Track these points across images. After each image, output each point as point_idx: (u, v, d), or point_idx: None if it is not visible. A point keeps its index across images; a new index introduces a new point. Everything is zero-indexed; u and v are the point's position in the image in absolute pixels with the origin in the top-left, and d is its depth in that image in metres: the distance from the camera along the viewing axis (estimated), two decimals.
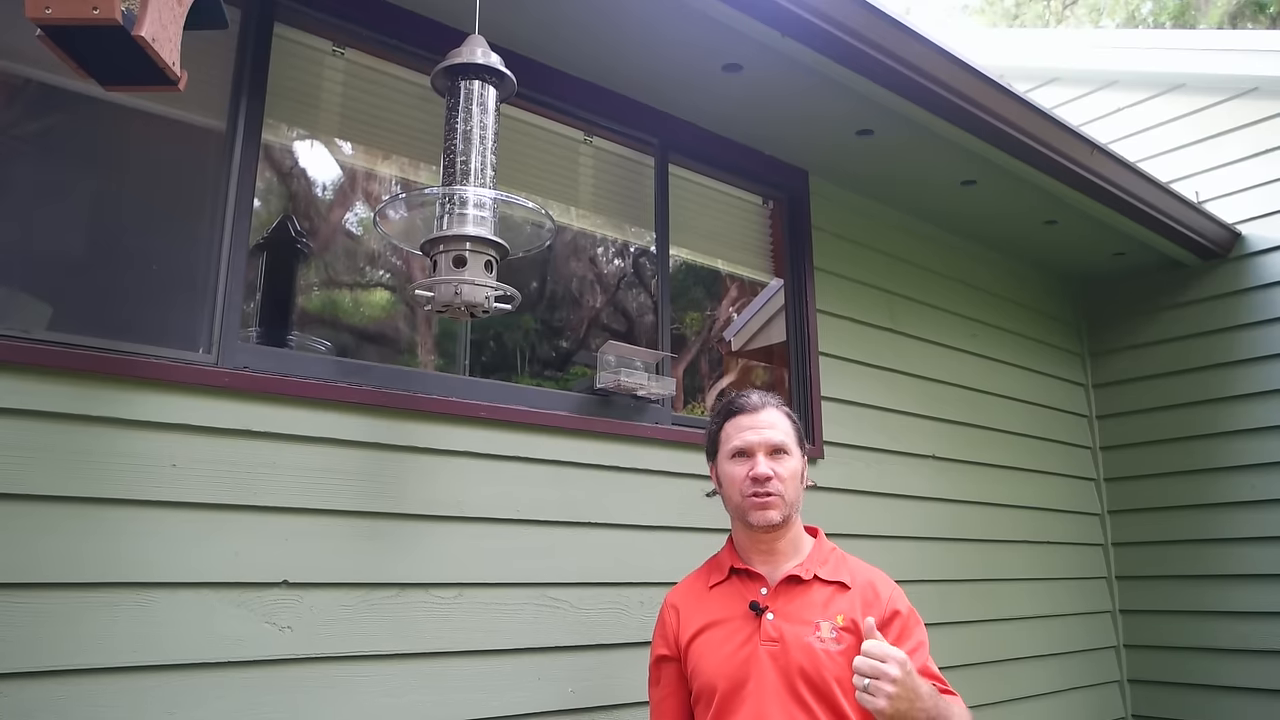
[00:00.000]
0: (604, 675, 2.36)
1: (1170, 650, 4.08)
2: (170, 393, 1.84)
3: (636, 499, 2.55)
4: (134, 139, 2.11)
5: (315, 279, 2.59)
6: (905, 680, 1.48)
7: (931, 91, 2.78)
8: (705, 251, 3.24)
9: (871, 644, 1.53)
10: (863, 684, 1.49)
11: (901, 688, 1.47)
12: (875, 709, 1.48)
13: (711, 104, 2.90)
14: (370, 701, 1.97)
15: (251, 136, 2.09)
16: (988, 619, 3.59)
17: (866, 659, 1.51)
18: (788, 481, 1.76)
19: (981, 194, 3.57)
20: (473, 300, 1.73)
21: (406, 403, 2.16)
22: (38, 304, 1.91)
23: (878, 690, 1.47)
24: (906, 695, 1.48)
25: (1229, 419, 4.00)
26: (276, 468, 1.94)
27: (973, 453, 3.75)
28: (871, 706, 1.48)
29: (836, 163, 3.32)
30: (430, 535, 2.14)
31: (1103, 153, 3.40)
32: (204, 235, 2.03)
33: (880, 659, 1.50)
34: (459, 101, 1.83)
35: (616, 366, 2.55)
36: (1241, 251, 4.09)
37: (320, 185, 2.56)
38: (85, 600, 1.68)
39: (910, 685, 1.49)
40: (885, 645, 1.53)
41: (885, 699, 1.47)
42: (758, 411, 1.81)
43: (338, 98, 2.37)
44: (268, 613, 1.87)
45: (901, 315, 3.61)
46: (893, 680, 1.47)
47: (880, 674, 1.48)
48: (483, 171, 1.79)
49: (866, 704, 1.49)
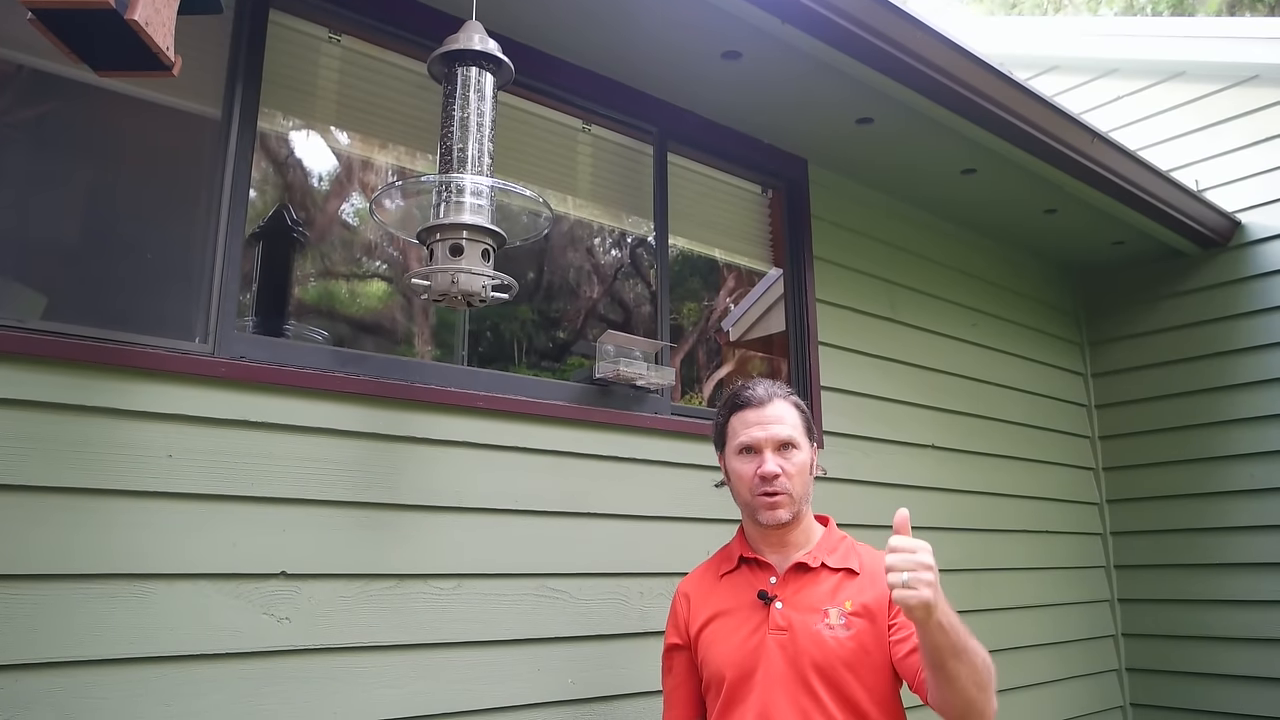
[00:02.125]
0: (603, 666, 2.36)
1: (1168, 639, 4.08)
2: (166, 383, 1.82)
3: (636, 489, 2.55)
4: (128, 126, 2.09)
5: (311, 269, 2.58)
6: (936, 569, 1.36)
7: (932, 79, 2.76)
8: (704, 241, 3.22)
9: (899, 539, 1.39)
10: (901, 579, 1.34)
11: (936, 574, 1.35)
12: (920, 601, 1.33)
13: (711, 92, 2.88)
14: (370, 693, 1.96)
15: (247, 124, 2.07)
16: (987, 608, 3.59)
17: (900, 554, 1.37)
18: (795, 477, 1.74)
19: (981, 182, 3.56)
20: (469, 289, 1.71)
21: (404, 392, 2.14)
22: (32, 294, 1.89)
23: (919, 582, 1.33)
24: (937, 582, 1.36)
25: (1228, 408, 4.00)
26: (273, 458, 1.93)
27: (972, 442, 3.75)
28: (916, 600, 1.33)
29: (836, 151, 3.31)
30: (429, 526, 2.13)
31: (1103, 141, 3.39)
32: (199, 224, 2.02)
33: (910, 550, 1.36)
34: (456, 88, 1.81)
35: (615, 356, 2.53)
36: (1241, 240, 4.08)
37: (316, 175, 2.54)
38: (82, 591, 1.67)
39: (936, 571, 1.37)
40: (911, 538, 1.39)
41: (927, 588, 1.33)
42: (764, 405, 1.78)
43: (334, 85, 2.35)
44: (266, 604, 1.86)
45: (901, 305, 3.60)
46: (929, 566, 1.35)
47: (917, 564, 1.34)
48: (480, 159, 1.78)
49: (909, 600, 1.34)
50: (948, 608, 1.39)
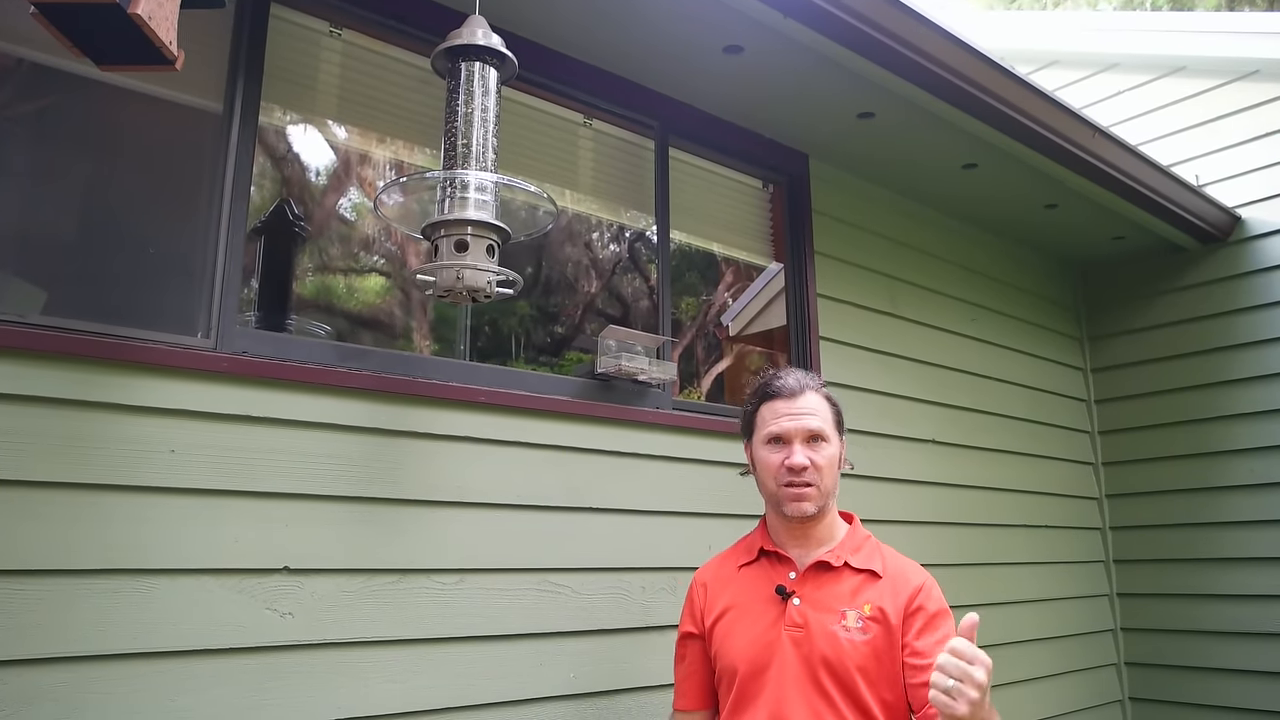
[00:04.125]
0: (605, 661, 2.36)
1: (1167, 633, 4.09)
2: (168, 378, 1.82)
3: (637, 484, 2.54)
4: (129, 121, 2.09)
5: (310, 264, 2.57)
6: (987, 687, 1.33)
7: (934, 74, 2.75)
8: (705, 235, 3.22)
9: (960, 643, 1.36)
10: (946, 684, 1.33)
11: (984, 694, 1.32)
12: (951, 711, 1.32)
13: (712, 86, 2.87)
14: (372, 687, 1.96)
15: (249, 118, 2.06)
16: (986, 603, 3.59)
17: (954, 659, 1.34)
18: (824, 470, 1.72)
19: (982, 177, 3.55)
20: (475, 285, 1.71)
21: (406, 387, 2.14)
22: (32, 289, 1.88)
23: (960, 694, 1.31)
24: (983, 703, 1.32)
25: (1228, 403, 4.00)
26: (276, 453, 1.93)
27: (972, 437, 3.75)
28: (947, 709, 1.32)
29: (837, 146, 3.30)
30: (431, 521, 2.13)
31: (1105, 136, 3.39)
32: (201, 218, 2.01)
33: (969, 660, 1.33)
34: (460, 83, 1.81)
35: (617, 351, 2.53)
36: (1241, 235, 4.08)
37: (316, 170, 2.53)
38: (84, 587, 1.66)
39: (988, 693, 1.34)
40: (976, 648, 1.36)
41: (966, 704, 1.31)
42: (795, 396, 1.76)
43: (335, 80, 2.34)
44: (269, 599, 1.86)
45: (902, 300, 3.60)
46: (978, 685, 1.31)
47: (966, 676, 1.32)
48: (484, 154, 1.77)
49: (943, 705, 1.33)
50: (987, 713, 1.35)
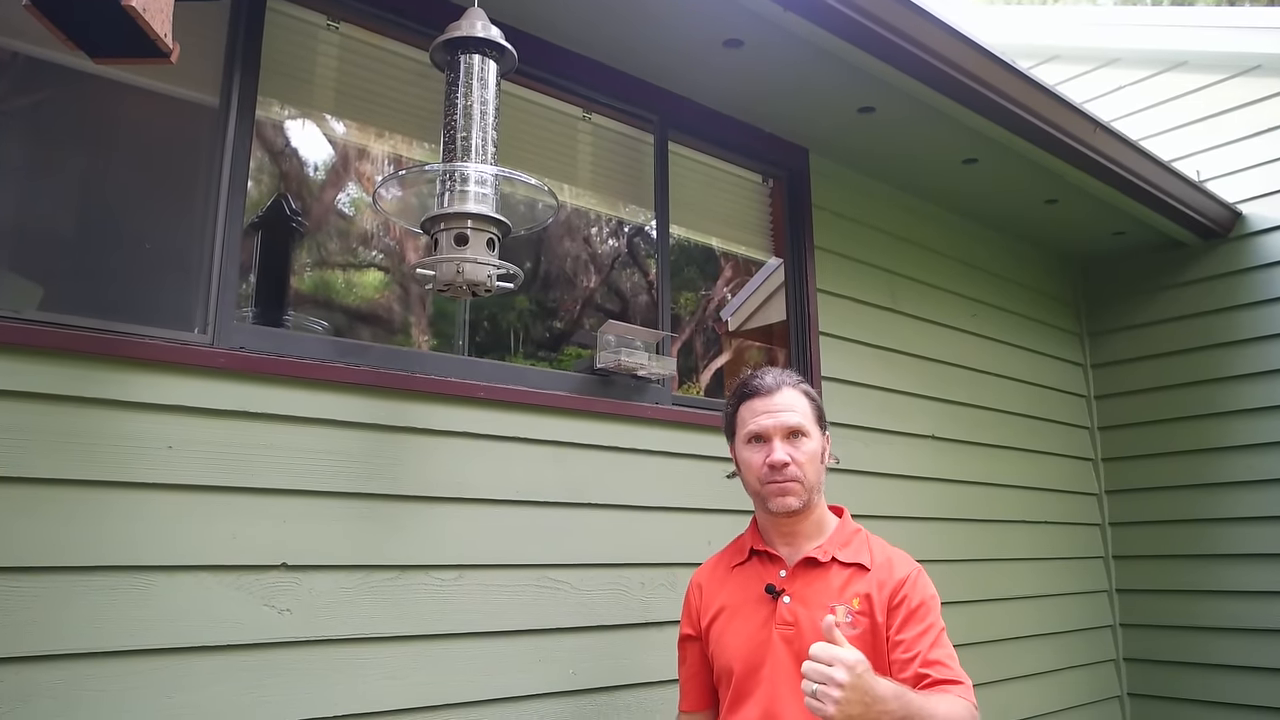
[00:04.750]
0: (605, 656, 2.35)
1: (1166, 629, 4.09)
2: (165, 373, 1.80)
3: (637, 479, 2.54)
4: (125, 115, 2.07)
5: (308, 259, 2.56)
6: (855, 684, 1.38)
7: (935, 68, 2.74)
8: (704, 230, 3.21)
9: (819, 647, 1.43)
10: (810, 689, 1.40)
11: (851, 691, 1.37)
12: (823, 715, 1.38)
13: (712, 80, 2.86)
14: (372, 684, 1.95)
15: (245, 112, 2.04)
16: (986, 598, 3.60)
17: (813, 664, 1.41)
18: (806, 465, 1.72)
19: (983, 172, 3.54)
20: (475, 279, 1.70)
21: (405, 383, 2.13)
22: (28, 284, 1.87)
23: (824, 696, 1.38)
24: (859, 699, 1.37)
25: (1227, 399, 4.00)
26: (274, 449, 1.92)
27: (972, 433, 3.74)
28: (819, 713, 1.39)
29: (837, 140, 3.29)
30: (430, 517, 2.12)
31: (1105, 130, 3.38)
32: (198, 213, 2.00)
33: (827, 663, 1.39)
34: (459, 76, 1.79)
35: (617, 346, 2.52)
36: (1242, 231, 4.07)
37: (313, 164, 2.52)
38: (81, 584, 1.65)
39: (863, 688, 1.38)
40: (834, 649, 1.42)
41: (833, 704, 1.37)
42: (773, 394, 1.76)
43: (333, 74, 2.32)
44: (267, 595, 1.85)
45: (902, 295, 3.59)
46: (839, 685, 1.37)
47: (826, 679, 1.38)
48: (484, 148, 1.76)
49: (815, 710, 1.39)
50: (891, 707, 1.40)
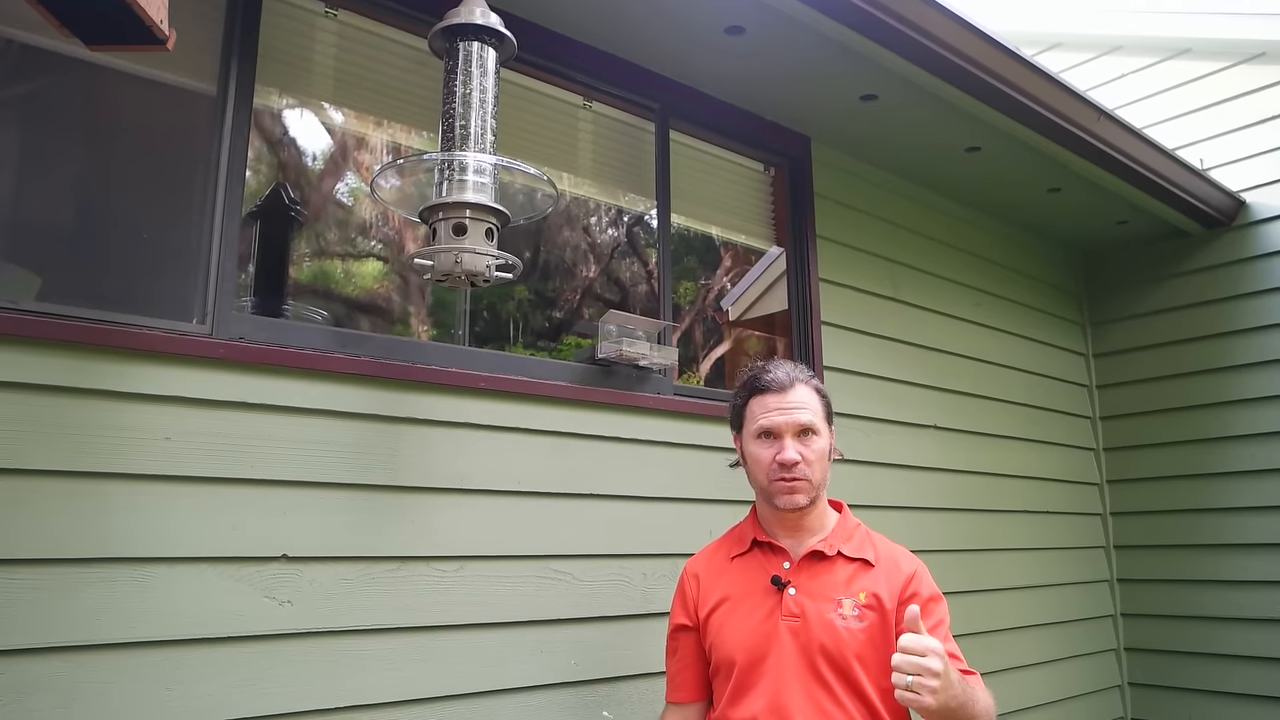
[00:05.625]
0: (607, 648, 2.35)
1: (1167, 619, 4.09)
2: (164, 364, 1.79)
3: (639, 470, 2.53)
4: (121, 103, 2.05)
5: (307, 249, 2.54)
6: (947, 671, 1.39)
7: (938, 55, 2.71)
8: (705, 219, 3.19)
9: (909, 639, 1.42)
10: (904, 682, 1.39)
11: (944, 680, 1.38)
12: (919, 706, 1.38)
13: (713, 67, 2.84)
14: (373, 676, 1.95)
15: (243, 100, 2.02)
16: (987, 588, 3.59)
17: (907, 656, 1.40)
18: (815, 464, 1.71)
19: (985, 160, 3.52)
20: (474, 269, 1.68)
21: (405, 373, 2.12)
22: (26, 274, 1.85)
23: (922, 688, 1.37)
24: (946, 686, 1.38)
25: (1230, 389, 3.99)
26: (273, 440, 1.90)
27: (973, 422, 3.73)
28: (915, 704, 1.38)
29: (839, 128, 3.27)
30: (430, 508, 2.11)
31: (1109, 118, 3.35)
32: (196, 202, 1.98)
33: (921, 653, 1.40)
34: (458, 64, 1.77)
35: (618, 336, 2.51)
36: (1245, 220, 4.05)
37: (312, 154, 2.50)
38: (81, 576, 1.64)
39: (950, 675, 1.40)
40: (924, 638, 1.42)
41: (931, 696, 1.37)
42: (785, 390, 1.74)
43: (331, 62, 2.30)
44: (267, 587, 1.84)
45: (904, 284, 3.57)
46: (936, 674, 1.38)
47: (923, 670, 1.38)
48: (483, 136, 1.74)
49: (909, 703, 1.39)
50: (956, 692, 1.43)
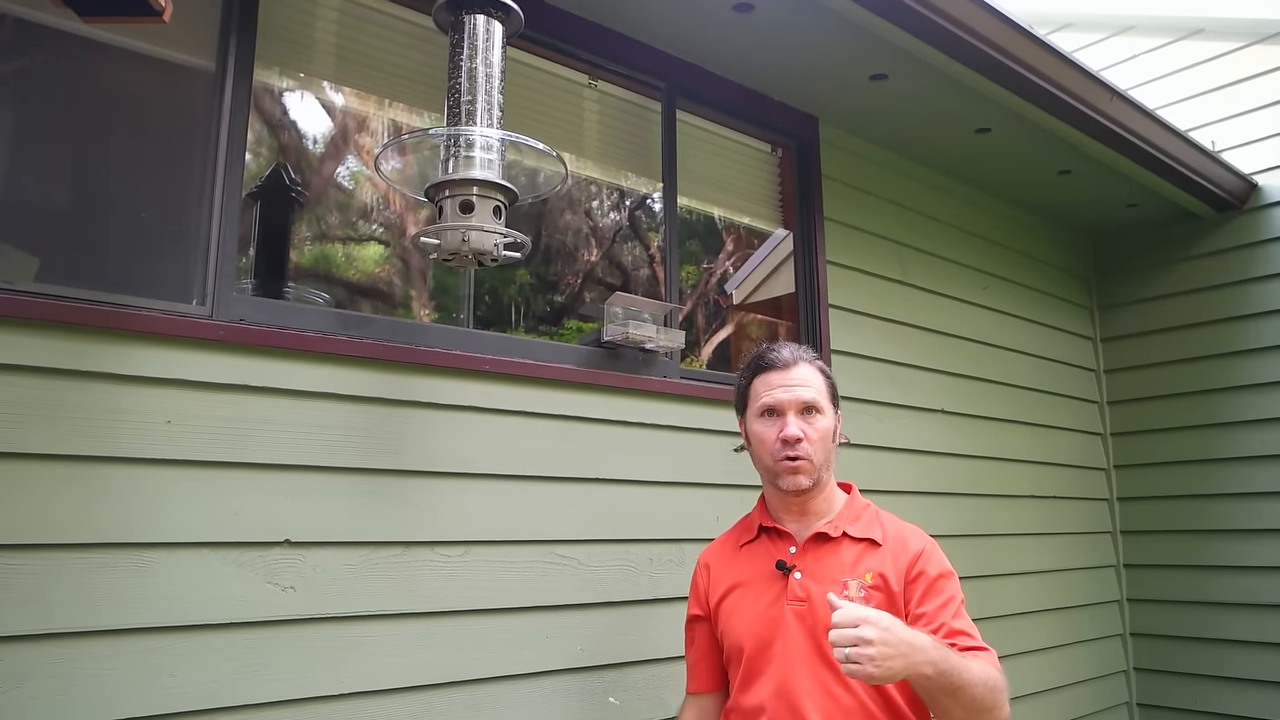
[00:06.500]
0: (613, 633, 2.32)
1: (1173, 604, 4.07)
2: (164, 346, 1.76)
3: (645, 454, 2.50)
4: (117, 79, 2.00)
5: (308, 233, 2.50)
6: (887, 637, 1.34)
7: (950, 33, 2.67)
8: (711, 201, 3.14)
9: (839, 613, 1.39)
10: (842, 655, 1.35)
11: (884, 646, 1.34)
12: (866, 676, 1.34)
13: (721, 46, 2.79)
14: (377, 662, 1.92)
15: (243, 77, 1.98)
16: (993, 573, 3.57)
17: (839, 630, 1.37)
18: (818, 443, 1.68)
19: (995, 142, 3.47)
20: (481, 248, 1.64)
21: (409, 356, 2.08)
22: (23, 256, 1.82)
23: (860, 657, 1.33)
24: (898, 652, 1.34)
25: (1240, 373, 3.95)
26: (276, 424, 1.87)
27: (981, 407, 3.70)
28: (861, 676, 1.35)
29: (848, 109, 3.22)
30: (435, 492, 2.08)
31: (1122, 99, 3.30)
32: (195, 182, 1.94)
33: (851, 624, 1.36)
34: (463, 37, 1.73)
35: (624, 319, 2.47)
36: (1257, 203, 4.00)
37: (313, 134, 2.46)
38: (81, 561, 1.62)
39: (897, 638, 1.35)
40: (855, 608, 1.39)
41: (870, 664, 1.33)
42: (789, 368, 1.72)
43: (332, 38, 2.25)
44: (270, 573, 1.81)
45: (912, 267, 3.53)
46: (870, 642, 1.33)
47: (856, 640, 1.34)
48: (490, 112, 1.70)
49: (855, 674, 1.35)
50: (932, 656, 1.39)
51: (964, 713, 1.44)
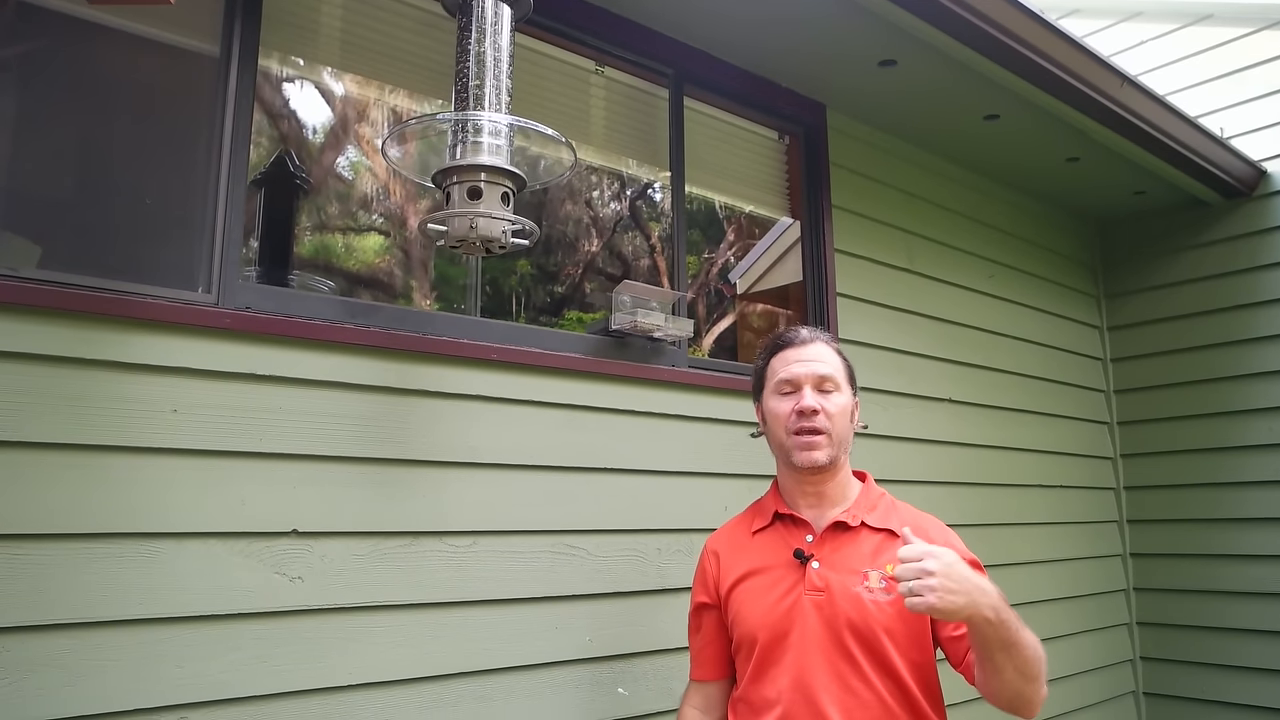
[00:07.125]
0: (622, 624, 2.31)
1: (1180, 593, 4.06)
2: (169, 334, 1.74)
3: (653, 444, 2.48)
4: (122, 64, 1.98)
5: (310, 222, 2.48)
6: (950, 572, 1.35)
7: (961, 18, 2.63)
8: (718, 189, 3.12)
9: (907, 548, 1.41)
10: (908, 587, 1.36)
11: (947, 579, 1.34)
12: (928, 608, 1.34)
13: (729, 32, 2.76)
14: (385, 653, 1.91)
15: (248, 62, 1.95)
16: (1000, 563, 3.56)
17: (904, 565, 1.38)
18: (835, 418, 1.66)
19: (1004, 129, 3.44)
20: (489, 235, 1.62)
21: (415, 344, 2.06)
22: (26, 243, 1.80)
23: (922, 588, 1.34)
24: (960, 588, 1.34)
25: (1247, 362, 3.93)
26: (282, 412, 1.86)
27: (988, 396, 3.68)
28: (923, 607, 1.34)
29: (856, 96, 3.19)
30: (442, 482, 2.07)
31: (1132, 84, 3.27)
32: (200, 168, 1.92)
33: (917, 558, 1.37)
34: (472, 21, 1.70)
35: (632, 307, 2.45)
36: (1266, 190, 3.97)
37: (316, 120, 2.43)
38: (87, 551, 1.60)
39: (960, 575, 1.36)
40: (921, 545, 1.41)
41: (932, 594, 1.33)
42: (806, 345, 1.73)
43: (338, 23, 2.23)
44: (277, 563, 1.80)
45: (919, 255, 3.51)
46: (932, 573, 1.34)
47: (920, 572, 1.35)
48: (498, 97, 1.68)
49: (918, 608, 1.35)
50: (995, 602, 1.39)
51: (1015, 674, 1.42)
